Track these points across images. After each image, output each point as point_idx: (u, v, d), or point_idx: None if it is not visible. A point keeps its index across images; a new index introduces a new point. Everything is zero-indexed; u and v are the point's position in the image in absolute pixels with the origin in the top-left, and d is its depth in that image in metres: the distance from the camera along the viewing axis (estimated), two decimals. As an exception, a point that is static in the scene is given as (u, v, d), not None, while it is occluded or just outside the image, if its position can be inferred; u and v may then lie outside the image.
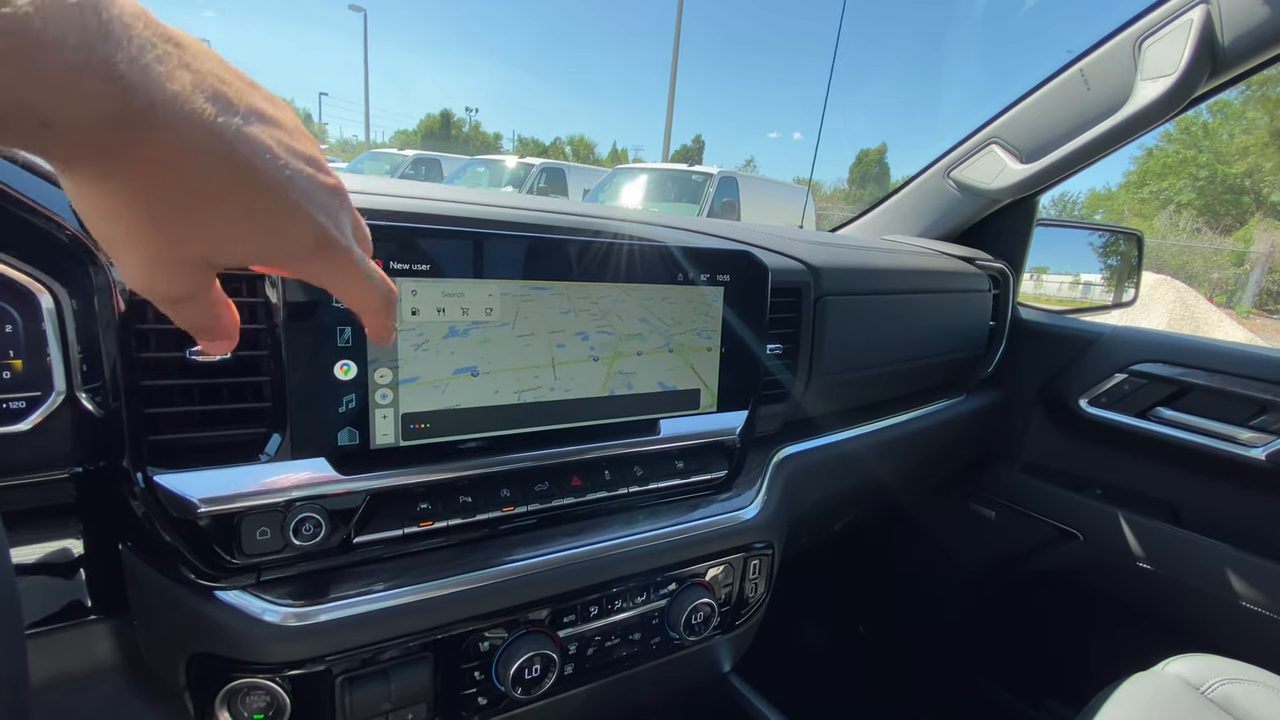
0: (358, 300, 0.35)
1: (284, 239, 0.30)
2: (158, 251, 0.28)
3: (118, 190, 0.25)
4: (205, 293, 0.31)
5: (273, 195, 0.28)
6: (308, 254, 0.31)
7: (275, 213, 0.29)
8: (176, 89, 0.24)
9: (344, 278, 0.33)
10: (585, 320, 0.63)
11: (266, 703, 0.51)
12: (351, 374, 0.52)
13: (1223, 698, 0.86)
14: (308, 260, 0.31)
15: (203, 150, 0.25)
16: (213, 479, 0.49)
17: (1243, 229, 20.18)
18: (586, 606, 0.66)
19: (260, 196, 0.28)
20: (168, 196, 0.26)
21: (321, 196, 0.31)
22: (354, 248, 0.33)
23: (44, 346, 0.49)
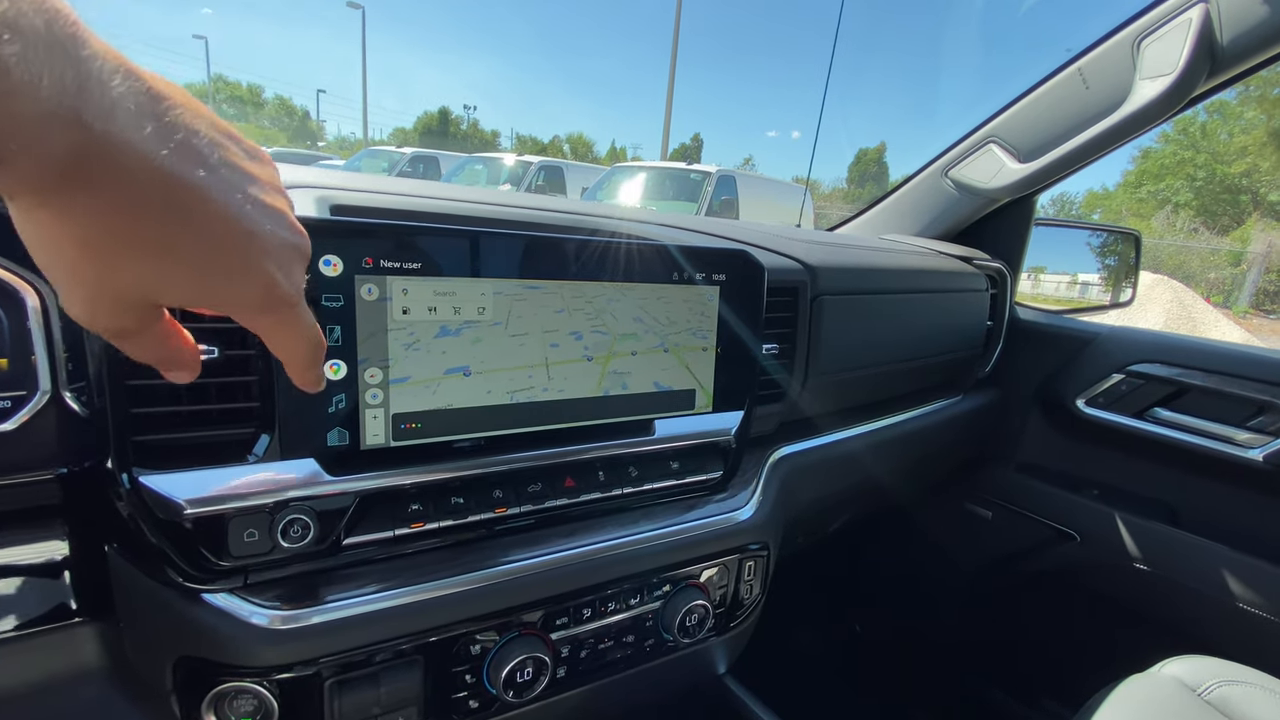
0: (287, 351, 0.35)
1: (231, 290, 0.30)
2: (96, 288, 0.27)
3: (60, 225, 0.25)
4: (149, 328, 0.31)
5: (228, 249, 0.29)
6: (253, 305, 0.31)
7: (228, 266, 0.29)
8: (138, 139, 0.25)
9: (280, 329, 0.34)
10: (579, 320, 0.63)
11: (254, 706, 0.51)
12: (341, 374, 0.52)
13: (1219, 699, 0.86)
14: (250, 310, 0.32)
15: (154, 199, 0.26)
16: (200, 480, 0.48)
17: (1240, 229, 20.23)
18: (580, 609, 0.65)
19: (214, 249, 0.28)
20: (111, 238, 0.26)
21: (281, 249, 0.31)
22: (299, 299, 0.33)
23: (29, 346, 0.48)
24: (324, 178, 0.68)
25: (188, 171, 0.27)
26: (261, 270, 0.30)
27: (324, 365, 0.51)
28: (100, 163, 0.24)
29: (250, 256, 0.30)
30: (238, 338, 0.49)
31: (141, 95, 0.25)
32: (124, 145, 0.24)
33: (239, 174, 0.29)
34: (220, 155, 0.28)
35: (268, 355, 0.49)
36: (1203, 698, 0.86)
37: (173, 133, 0.26)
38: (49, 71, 0.22)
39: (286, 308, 0.32)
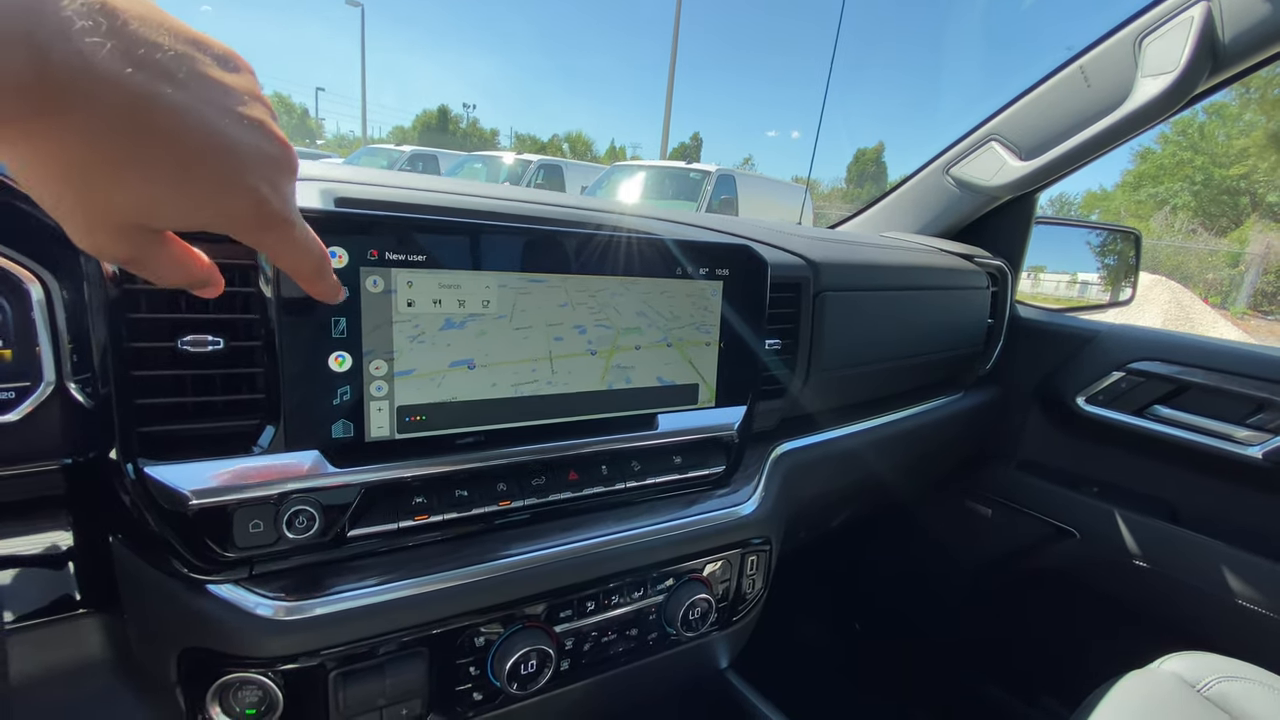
0: (290, 265, 0.36)
1: (220, 205, 0.30)
2: (89, 216, 0.28)
3: (42, 156, 0.26)
4: (155, 253, 0.31)
5: (207, 161, 0.28)
6: (246, 221, 0.31)
7: (210, 179, 0.29)
8: (100, 57, 0.24)
9: (280, 245, 0.34)
10: (583, 313, 0.63)
11: (259, 698, 0.51)
12: (346, 365, 0.52)
13: (1218, 695, 0.86)
14: (245, 227, 0.31)
15: (124, 118, 0.25)
16: (205, 471, 0.48)
17: (1238, 230, 20.26)
18: (583, 602, 0.65)
19: (193, 167, 0.28)
20: (89, 162, 0.26)
21: (264, 163, 0.31)
22: (293, 215, 0.33)
23: (33, 336, 0.48)
24: (328, 171, 0.68)
25: (154, 88, 0.26)
26: (246, 186, 0.30)
27: (332, 356, 0.51)
28: (61, 86, 0.24)
29: (232, 172, 0.29)
30: (243, 329, 0.49)
31: (97, 12, 0.25)
32: (83, 66, 0.24)
33: (210, 85, 0.29)
34: (189, 68, 0.28)
35: (273, 347, 0.49)
36: (1202, 694, 0.87)
37: (134, 48, 0.26)
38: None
39: (281, 223, 0.32)
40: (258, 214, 0.31)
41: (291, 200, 0.33)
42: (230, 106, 0.29)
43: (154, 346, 0.47)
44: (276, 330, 0.48)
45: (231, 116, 0.29)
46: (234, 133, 0.29)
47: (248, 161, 0.30)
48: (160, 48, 0.27)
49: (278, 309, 0.48)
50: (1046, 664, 1.49)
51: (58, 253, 0.48)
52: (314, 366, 0.50)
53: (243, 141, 0.29)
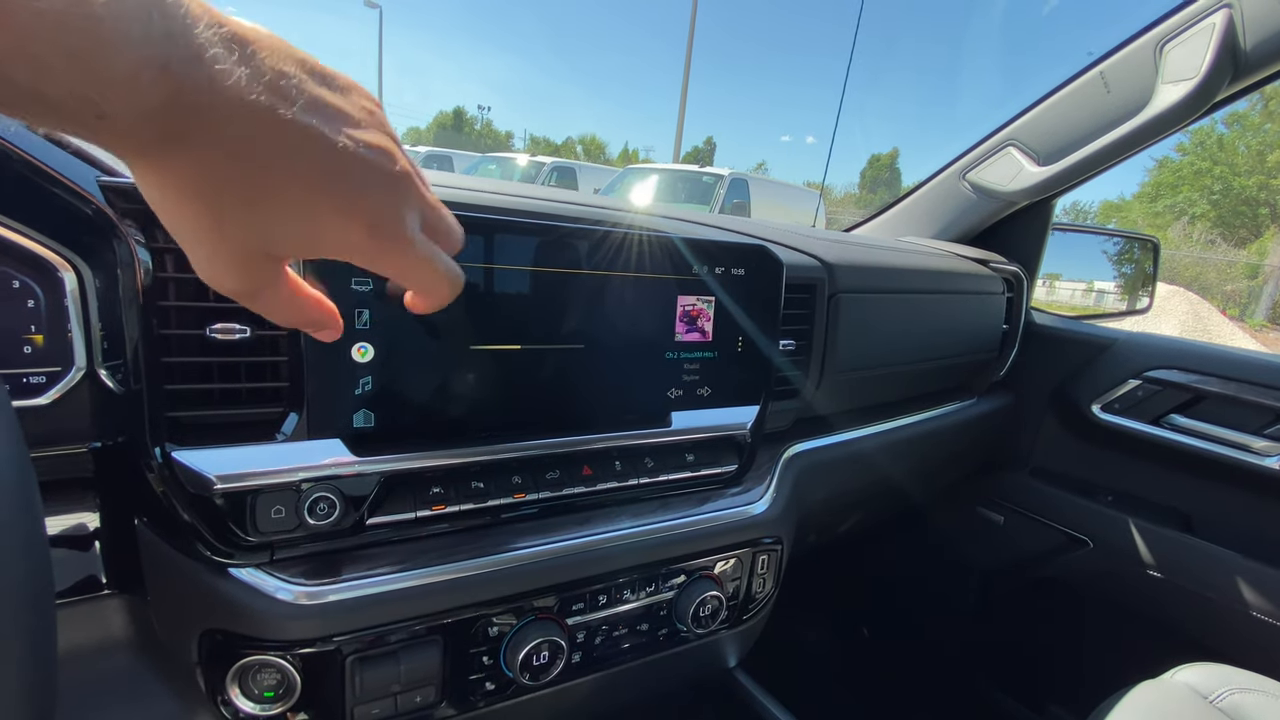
0: (425, 288, 0.36)
1: (335, 230, 0.30)
2: (214, 244, 0.29)
3: (172, 182, 0.27)
4: (274, 289, 0.32)
5: (328, 186, 0.29)
6: (362, 244, 0.31)
7: (330, 204, 0.29)
8: (229, 85, 0.25)
9: (403, 266, 0.33)
10: (599, 310, 0.63)
11: (277, 680, 0.52)
12: (369, 356, 0.53)
13: (1231, 707, 0.85)
14: (365, 251, 0.32)
15: (251, 144, 0.26)
16: (229, 457, 0.49)
17: (1258, 241, 20.00)
18: (595, 595, 0.66)
19: (315, 188, 0.28)
20: (214, 188, 0.27)
21: (379, 187, 0.31)
22: (413, 236, 0.33)
23: (65, 322, 0.49)
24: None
25: (279, 114, 0.27)
26: (359, 208, 0.30)
27: (354, 347, 0.52)
28: (193, 111, 0.25)
29: (345, 195, 0.29)
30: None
31: (228, 39, 0.26)
32: (213, 93, 0.25)
33: (333, 113, 0.29)
34: (310, 95, 0.28)
35: (298, 336, 0.50)
36: (1215, 705, 0.86)
37: (260, 75, 0.26)
38: (137, 21, 0.22)
39: (399, 241, 0.32)
40: (375, 236, 0.31)
41: (407, 221, 0.33)
42: (350, 133, 0.29)
43: (183, 334, 0.48)
44: None
45: (351, 142, 0.29)
46: (352, 159, 0.29)
47: (364, 185, 0.30)
48: (286, 75, 0.27)
49: None
50: (1057, 673, 1.48)
51: (91, 240, 0.50)
52: (337, 356, 0.51)
53: (359, 167, 0.30)
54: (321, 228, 0.29)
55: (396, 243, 0.32)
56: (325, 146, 0.28)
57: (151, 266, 0.46)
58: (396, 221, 0.32)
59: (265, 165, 0.27)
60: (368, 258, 0.32)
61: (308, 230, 0.29)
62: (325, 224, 0.29)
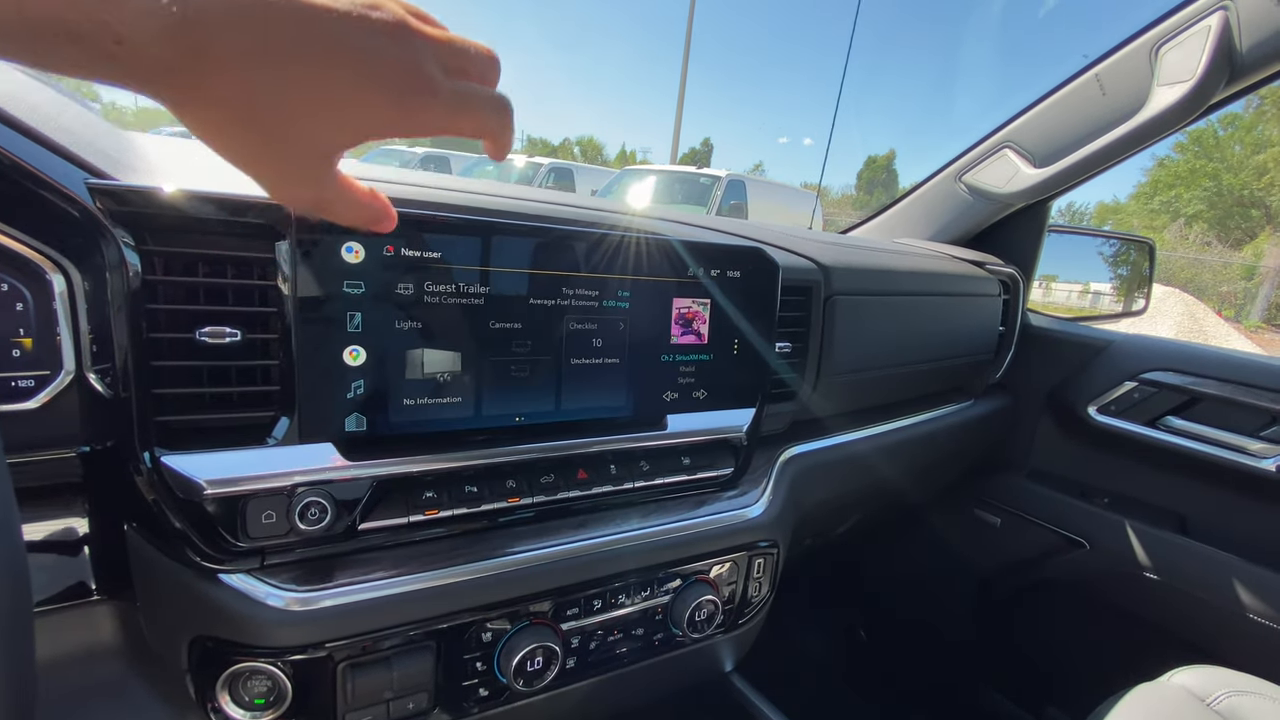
0: (476, 130, 0.35)
1: (365, 105, 0.31)
2: (272, 159, 0.30)
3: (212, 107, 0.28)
4: (339, 190, 0.33)
5: (338, 61, 0.29)
6: (397, 111, 0.31)
7: (346, 85, 0.30)
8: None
9: (446, 118, 0.33)
10: (595, 312, 0.63)
11: (268, 687, 0.51)
12: (361, 360, 0.52)
13: (1228, 710, 0.85)
14: (400, 117, 0.32)
15: (261, 47, 0.27)
16: (219, 461, 0.49)
17: (1253, 243, 20.07)
18: (590, 600, 0.65)
19: (326, 75, 0.29)
20: (245, 99, 0.28)
21: (387, 49, 0.31)
22: (440, 87, 0.33)
23: (54, 325, 0.49)
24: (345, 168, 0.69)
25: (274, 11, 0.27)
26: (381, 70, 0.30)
27: (346, 350, 0.51)
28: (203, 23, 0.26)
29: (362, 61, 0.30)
30: (260, 321, 0.50)
31: None
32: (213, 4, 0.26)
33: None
34: None
35: (289, 339, 0.49)
36: (1212, 708, 0.86)
37: None
38: None
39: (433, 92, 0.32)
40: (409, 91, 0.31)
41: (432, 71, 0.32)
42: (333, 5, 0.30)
43: (173, 337, 0.47)
44: (293, 323, 0.49)
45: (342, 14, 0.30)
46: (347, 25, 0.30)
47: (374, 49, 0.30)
48: None
49: (295, 302, 0.49)
50: (1054, 675, 1.48)
51: (79, 243, 0.49)
52: (329, 360, 0.51)
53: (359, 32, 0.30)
54: (354, 103, 0.30)
55: (425, 98, 0.32)
56: (334, 28, 0.29)
57: (140, 269, 0.45)
58: (415, 76, 0.32)
59: (284, 61, 0.28)
60: (407, 123, 0.32)
61: (343, 109, 0.30)
62: (353, 102, 0.30)
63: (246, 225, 0.48)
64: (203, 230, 0.47)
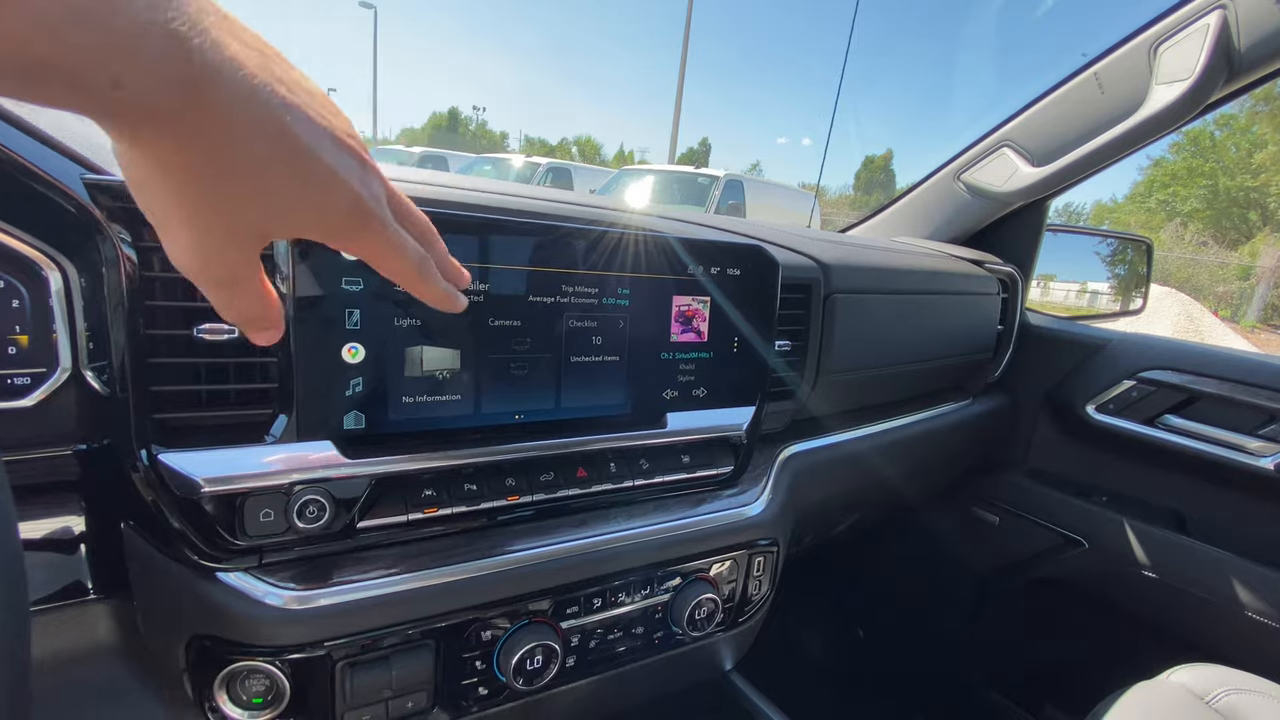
0: (393, 271, 0.36)
1: (321, 207, 0.31)
2: (207, 223, 0.29)
3: (174, 158, 0.27)
4: (253, 275, 0.32)
5: (311, 164, 0.29)
6: (344, 222, 0.32)
7: (313, 181, 0.30)
8: (230, 55, 0.26)
9: (378, 247, 0.35)
10: (595, 310, 0.63)
11: (266, 686, 0.51)
12: (359, 357, 0.52)
13: (1227, 708, 0.85)
14: (344, 228, 0.33)
15: (251, 116, 0.27)
16: (217, 459, 0.48)
17: (1249, 243, 20.13)
18: (590, 599, 0.65)
19: (300, 165, 0.29)
20: (217, 162, 0.27)
21: (352, 165, 0.32)
22: (386, 216, 0.34)
23: (50, 322, 0.49)
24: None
25: (273, 90, 0.28)
26: (343, 185, 0.31)
27: (345, 348, 0.51)
28: (206, 82, 0.25)
29: (330, 171, 0.30)
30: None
31: (216, 13, 0.26)
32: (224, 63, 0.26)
33: (305, 93, 0.30)
34: (289, 74, 0.29)
35: (287, 336, 0.49)
36: (1211, 705, 0.86)
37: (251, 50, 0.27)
38: None
39: (376, 220, 0.33)
40: (354, 213, 0.32)
41: (380, 197, 0.34)
42: (320, 113, 0.30)
43: (170, 334, 0.47)
44: (291, 320, 0.49)
45: (324, 122, 0.30)
46: (328, 137, 0.30)
47: (343, 164, 0.31)
48: (268, 55, 0.28)
49: (293, 299, 0.48)
50: (1052, 673, 1.48)
51: (76, 240, 0.49)
52: (327, 357, 0.51)
53: (334, 145, 0.31)
54: (307, 203, 0.30)
55: (371, 221, 0.33)
56: (308, 124, 0.29)
57: (138, 265, 0.45)
58: (373, 199, 0.33)
59: (260, 139, 0.27)
60: (346, 236, 0.33)
61: (294, 207, 0.30)
62: (310, 199, 0.30)
63: (245, 221, 0.47)
64: None
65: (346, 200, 0.31)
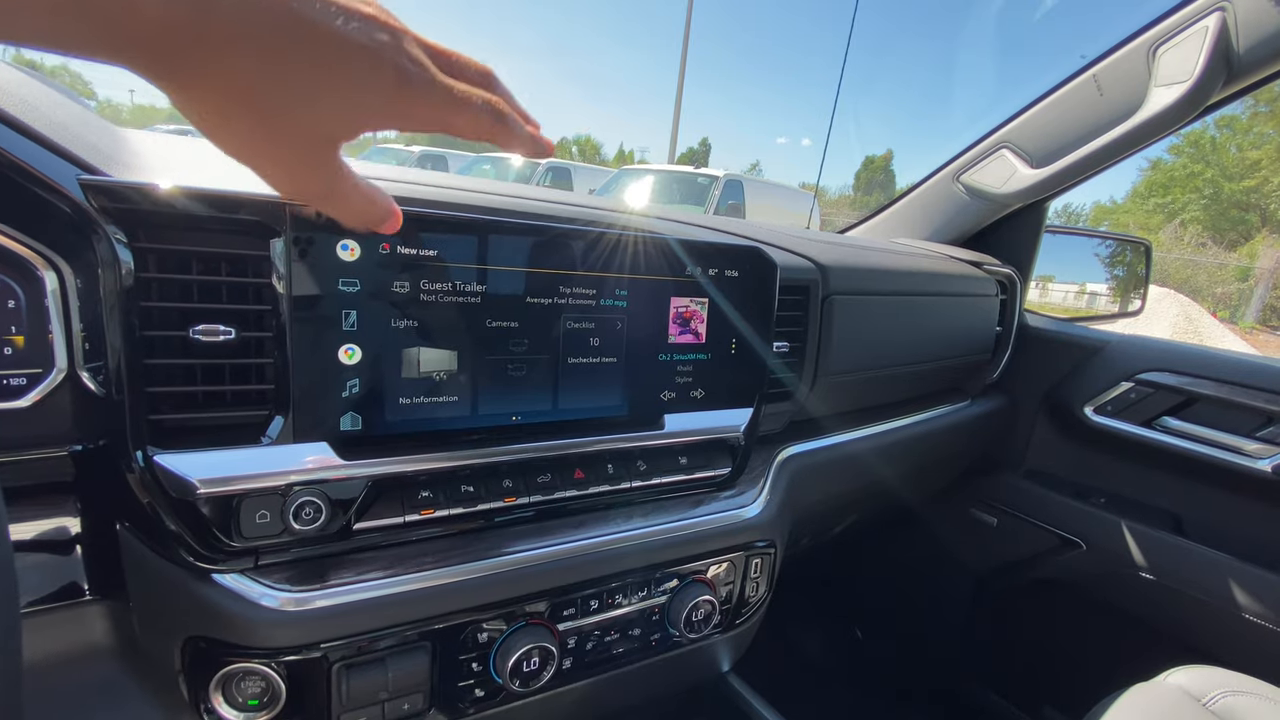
0: (467, 127, 0.36)
1: (368, 88, 0.31)
2: (275, 145, 0.30)
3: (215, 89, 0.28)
4: (344, 184, 0.33)
5: (340, 47, 0.30)
6: (397, 96, 0.32)
7: (348, 65, 0.30)
8: None
9: (440, 109, 0.34)
10: (590, 312, 0.63)
11: (262, 688, 0.51)
12: (356, 358, 0.52)
13: (1224, 710, 0.85)
14: (400, 103, 0.32)
15: (267, 24, 0.27)
16: (213, 460, 0.48)
17: (1248, 244, 20.15)
18: (586, 600, 0.65)
19: (329, 51, 0.29)
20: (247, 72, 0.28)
21: (382, 37, 0.31)
22: (436, 76, 0.34)
23: (46, 323, 0.49)
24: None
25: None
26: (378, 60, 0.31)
27: (341, 349, 0.51)
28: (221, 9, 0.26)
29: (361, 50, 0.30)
30: (254, 319, 0.50)
31: None
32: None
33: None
34: None
35: (284, 338, 0.49)
36: (1208, 708, 0.86)
37: None
38: None
39: (426, 85, 0.33)
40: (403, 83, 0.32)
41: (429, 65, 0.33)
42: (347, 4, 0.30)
43: (166, 335, 0.47)
44: (287, 321, 0.49)
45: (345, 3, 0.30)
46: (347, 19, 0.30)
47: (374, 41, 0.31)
48: None
49: (290, 300, 0.48)
50: (1050, 675, 1.48)
51: (72, 241, 0.49)
52: (324, 358, 0.51)
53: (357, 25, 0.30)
54: (353, 90, 0.31)
55: (421, 86, 0.33)
56: (330, 11, 0.29)
57: (134, 266, 0.45)
58: (415, 63, 0.33)
59: (286, 42, 0.28)
60: (406, 111, 0.33)
61: (341, 96, 0.30)
62: (353, 85, 0.30)
63: (241, 222, 0.47)
64: (197, 227, 0.47)
65: (390, 74, 0.31)
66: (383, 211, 0.36)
